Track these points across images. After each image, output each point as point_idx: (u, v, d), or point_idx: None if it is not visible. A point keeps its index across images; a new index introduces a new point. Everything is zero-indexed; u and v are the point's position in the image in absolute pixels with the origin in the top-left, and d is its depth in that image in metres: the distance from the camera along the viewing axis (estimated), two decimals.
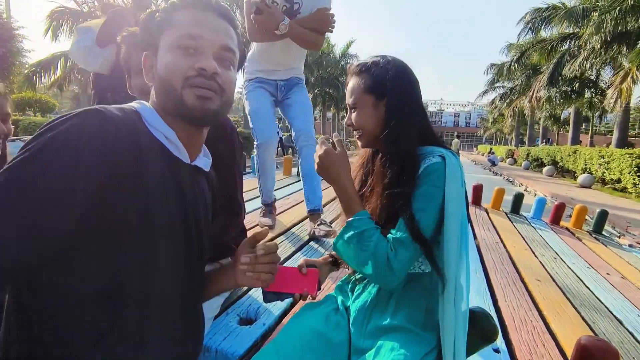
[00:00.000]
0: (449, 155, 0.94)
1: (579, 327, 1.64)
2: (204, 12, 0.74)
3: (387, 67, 1.01)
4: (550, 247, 2.93)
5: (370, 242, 0.92)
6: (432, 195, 0.91)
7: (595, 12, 13.42)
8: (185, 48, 0.71)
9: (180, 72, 0.70)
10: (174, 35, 0.72)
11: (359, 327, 1.03)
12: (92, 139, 0.59)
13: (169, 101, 0.72)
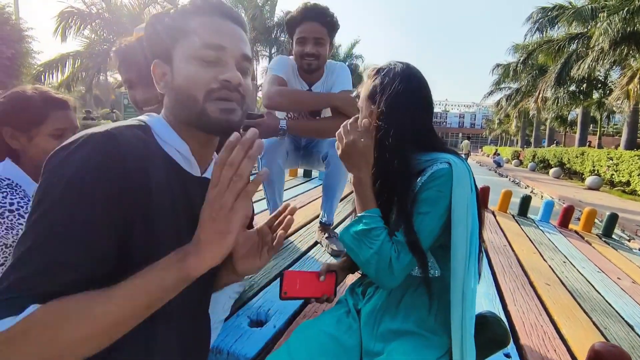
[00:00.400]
0: (456, 162, 0.93)
1: (590, 332, 1.63)
2: (220, 19, 0.72)
3: (387, 74, 1.02)
4: (559, 251, 2.91)
5: (376, 240, 0.93)
6: (436, 201, 0.92)
7: (604, 12, 13.30)
8: (208, 59, 0.69)
9: (203, 85, 0.68)
10: (192, 44, 0.69)
11: (370, 330, 1.03)
12: (103, 178, 0.58)
13: (189, 113, 0.70)
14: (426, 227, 0.91)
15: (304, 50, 1.97)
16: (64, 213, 0.55)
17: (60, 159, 0.58)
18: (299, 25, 1.98)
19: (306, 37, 1.96)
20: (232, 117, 0.71)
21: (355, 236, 0.96)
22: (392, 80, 1.00)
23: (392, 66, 1.03)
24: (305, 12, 1.96)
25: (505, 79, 27.07)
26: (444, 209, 0.91)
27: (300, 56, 2.00)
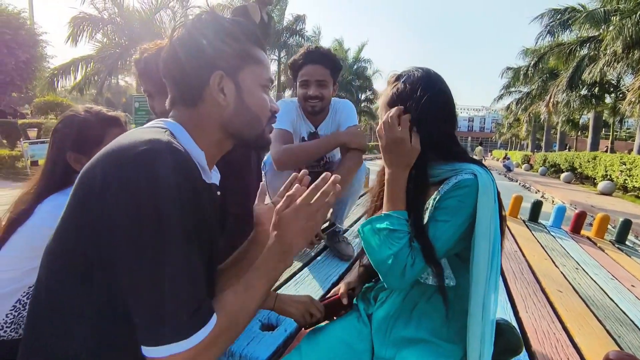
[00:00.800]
0: (481, 172, 0.92)
1: (604, 340, 1.61)
2: (267, 55, 0.84)
3: (408, 81, 1.00)
4: (571, 257, 2.87)
5: (397, 243, 0.91)
6: (456, 210, 0.91)
7: (616, 16, 13.14)
8: (266, 89, 0.82)
9: (267, 111, 0.81)
10: (261, 74, 0.80)
11: (382, 336, 1.03)
12: (184, 189, 0.61)
13: (249, 131, 0.80)
14: (442, 235, 0.90)
15: (307, 92, 1.97)
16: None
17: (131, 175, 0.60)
18: (301, 68, 1.98)
19: (309, 80, 1.96)
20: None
21: (377, 232, 0.95)
22: (415, 87, 0.98)
23: (414, 72, 1.01)
24: (307, 55, 1.96)
25: (515, 83, 26.81)
26: (463, 219, 0.90)
27: (304, 99, 1.99)
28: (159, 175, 0.58)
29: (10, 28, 8.91)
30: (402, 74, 1.02)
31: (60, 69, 16.16)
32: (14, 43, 8.97)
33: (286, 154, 1.91)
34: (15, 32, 9.07)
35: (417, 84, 0.97)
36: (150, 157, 0.59)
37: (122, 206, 0.57)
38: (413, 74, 1.00)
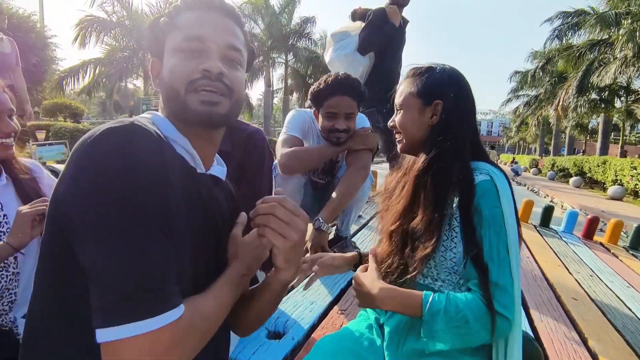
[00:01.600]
0: (496, 172, 0.89)
1: (623, 352, 1.55)
2: (207, 12, 0.72)
3: (442, 74, 0.98)
4: (585, 264, 2.80)
5: (460, 312, 0.81)
6: (495, 219, 0.86)
7: (627, 19, 12.99)
8: (189, 50, 0.69)
9: (184, 76, 0.68)
10: (177, 38, 0.70)
11: (395, 349, 0.98)
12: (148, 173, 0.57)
13: (174, 107, 0.70)
14: (504, 248, 0.84)
15: (334, 125, 1.87)
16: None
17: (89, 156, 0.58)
18: (328, 99, 1.86)
19: (337, 112, 1.86)
20: (215, 109, 0.69)
21: (444, 330, 0.82)
22: (450, 80, 0.98)
23: (442, 67, 1.00)
24: (336, 86, 1.85)
25: (523, 86, 26.64)
26: (501, 221, 0.86)
27: (329, 130, 1.90)
28: (110, 150, 0.55)
29: (20, 31, 9.01)
30: (430, 67, 1.00)
31: (70, 72, 16.36)
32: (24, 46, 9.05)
33: (291, 158, 1.87)
34: (26, 35, 9.17)
35: (453, 81, 0.98)
36: (105, 134, 0.56)
37: (75, 180, 0.55)
38: (445, 68, 1.00)
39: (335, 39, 2.72)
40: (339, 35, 2.68)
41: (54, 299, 0.63)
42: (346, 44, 2.56)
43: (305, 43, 22.63)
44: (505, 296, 0.81)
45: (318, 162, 2.01)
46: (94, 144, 0.56)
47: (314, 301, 1.63)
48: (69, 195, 0.56)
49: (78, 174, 0.56)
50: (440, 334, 0.83)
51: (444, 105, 0.96)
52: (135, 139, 0.57)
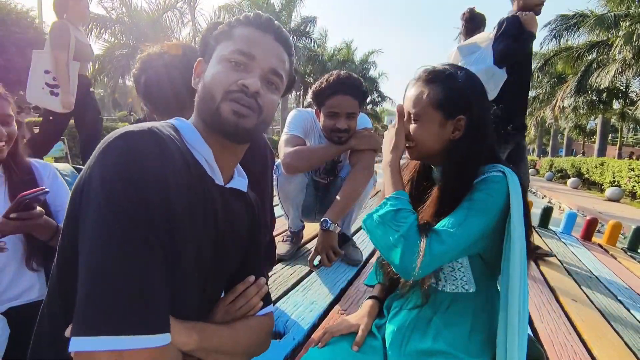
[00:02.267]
0: (508, 171, 0.89)
1: (623, 353, 1.55)
2: (262, 33, 0.75)
3: (465, 85, 0.93)
4: (583, 265, 2.80)
5: (404, 223, 0.86)
6: (485, 203, 0.86)
7: (626, 21, 13.01)
8: (235, 62, 0.72)
9: (224, 85, 0.70)
10: (229, 48, 0.73)
11: (397, 349, 0.98)
12: (152, 179, 0.58)
13: (206, 110, 0.72)
14: (467, 225, 0.85)
15: (335, 125, 1.87)
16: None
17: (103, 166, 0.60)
18: (330, 98, 1.86)
19: (339, 112, 1.86)
20: (243, 121, 0.71)
21: (380, 220, 0.90)
22: (476, 92, 0.94)
23: (463, 75, 0.95)
24: (339, 84, 1.84)
25: None
26: (492, 214, 0.86)
27: (330, 130, 1.90)
28: (118, 160, 0.56)
29: (19, 27, 8.93)
30: (451, 72, 0.95)
31: None
32: (22, 42, 8.98)
33: (295, 157, 1.86)
34: (24, 30, 9.09)
35: (477, 90, 0.95)
36: (119, 139, 0.58)
37: (86, 185, 0.57)
38: (466, 76, 0.95)
39: (463, 53, 2.57)
40: (467, 49, 2.54)
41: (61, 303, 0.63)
42: (480, 57, 2.40)
43: (305, 42, 22.59)
44: (438, 245, 0.83)
45: (321, 161, 2.01)
46: (106, 150, 0.57)
47: (314, 301, 1.63)
48: (79, 197, 0.58)
49: (89, 178, 0.57)
50: (374, 219, 0.92)
51: (467, 121, 0.93)
52: (145, 148, 0.58)
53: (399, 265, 0.86)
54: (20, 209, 0.94)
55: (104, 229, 0.53)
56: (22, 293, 1.11)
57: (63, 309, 0.62)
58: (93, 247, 0.53)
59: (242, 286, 0.83)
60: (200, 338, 0.67)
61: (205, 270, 0.73)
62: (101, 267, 0.52)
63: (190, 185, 0.64)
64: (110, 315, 0.50)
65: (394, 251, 0.86)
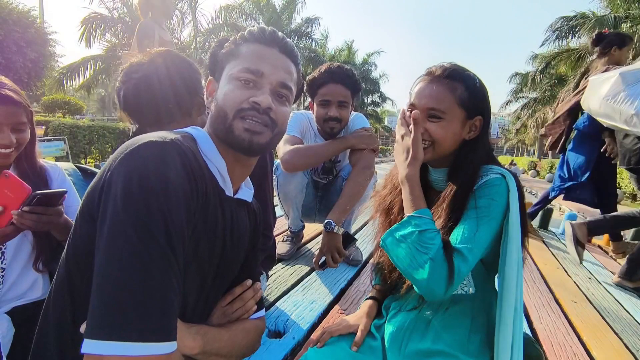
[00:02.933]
0: (509, 175, 0.89)
1: (622, 354, 1.55)
2: (268, 48, 0.77)
3: (482, 87, 0.95)
4: (583, 266, 2.80)
5: (432, 245, 0.83)
6: (491, 210, 0.87)
7: (627, 22, 13.02)
8: (244, 80, 0.74)
9: (236, 103, 0.72)
10: (237, 66, 0.75)
11: (397, 350, 0.98)
12: (179, 189, 0.59)
13: (220, 127, 0.74)
14: (481, 235, 0.85)
15: (327, 113, 1.89)
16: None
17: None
18: (322, 87, 1.88)
19: (330, 100, 1.88)
20: (257, 138, 0.73)
21: (402, 239, 0.86)
22: (486, 93, 0.96)
23: (476, 77, 0.95)
24: (329, 73, 1.87)
25: (523, 88, 26.64)
26: (498, 219, 0.86)
27: (322, 119, 1.92)
28: (138, 165, 0.57)
29: (19, 26, 8.95)
30: (468, 73, 0.95)
31: (70, 68, 16.30)
32: (23, 41, 9.01)
33: (294, 155, 1.87)
34: (25, 30, 9.11)
35: (487, 92, 0.96)
36: (140, 149, 0.59)
37: (106, 190, 0.58)
38: (477, 78, 0.95)
39: (627, 80, 2.30)
40: (632, 75, 2.29)
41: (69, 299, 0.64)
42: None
43: (306, 43, 22.61)
44: (464, 265, 0.82)
45: (320, 159, 2.02)
46: (129, 157, 0.58)
47: (314, 300, 1.63)
48: (97, 199, 0.59)
49: (110, 183, 0.58)
50: (395, 239, 0.88)
51: (483, 122, 0.95)
52: (168, 160, 0.59)
53: (425, 287, 0.83)
54: (33, 204, 0.94)
55: (121, 235, 0.54)
56: (26, 292, 1.12)
57: (71, 308, 0.63)
58: (109, 251, 0.54)
59: (239, 289, 0.86)
60: (205, 342, 0.69)
61: (211, 277, 0.75)
62: (116, 273, 0.53)
63: (207, 199, 0.66)
64: (123, 322, 0.52)
65: (419, 272, 0.83)
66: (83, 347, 0.51)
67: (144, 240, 0.54)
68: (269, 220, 1.58)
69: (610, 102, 2.30)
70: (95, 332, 0.51)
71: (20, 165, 1.13)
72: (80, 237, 0.61)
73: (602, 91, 2.37)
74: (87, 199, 0.62)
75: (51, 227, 1.01)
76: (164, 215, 0.56)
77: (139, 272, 0.54)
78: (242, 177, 0.83)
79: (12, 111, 1.03)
